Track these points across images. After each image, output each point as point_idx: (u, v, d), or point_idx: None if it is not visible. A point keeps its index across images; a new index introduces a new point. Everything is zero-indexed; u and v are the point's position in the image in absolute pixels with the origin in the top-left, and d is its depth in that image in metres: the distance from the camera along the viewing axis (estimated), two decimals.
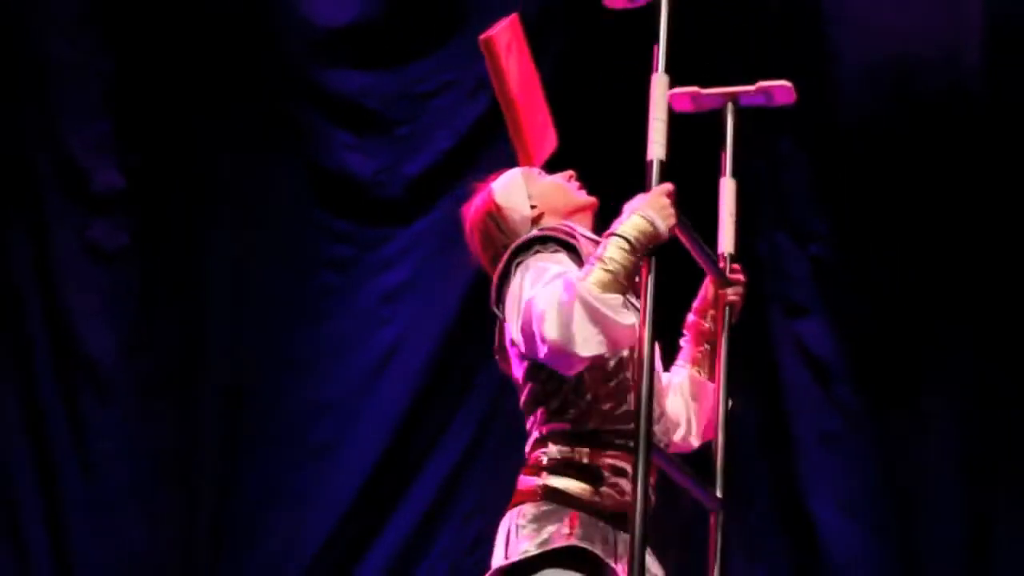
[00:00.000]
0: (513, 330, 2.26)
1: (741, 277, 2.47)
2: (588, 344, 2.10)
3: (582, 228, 2.40)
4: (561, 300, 2.10)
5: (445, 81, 4.23)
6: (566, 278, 2.15)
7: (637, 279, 2.28)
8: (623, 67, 3.62)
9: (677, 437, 2.49)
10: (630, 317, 2.14)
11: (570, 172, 2.49)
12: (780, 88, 2.59)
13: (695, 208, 2.46)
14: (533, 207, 2.41)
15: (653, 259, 2.13)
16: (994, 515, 4.01)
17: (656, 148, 2.17)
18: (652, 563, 2.35)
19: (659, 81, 2.22)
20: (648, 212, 2.14)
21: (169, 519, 4.08)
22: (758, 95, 2.61)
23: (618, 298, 2.11)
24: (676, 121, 2.39)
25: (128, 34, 4.21)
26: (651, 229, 2.13)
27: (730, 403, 2.48)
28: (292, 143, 4.24)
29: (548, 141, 2.68)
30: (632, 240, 2.10)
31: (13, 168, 4.13)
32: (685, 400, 2.53)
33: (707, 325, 2.51)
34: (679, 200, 2.27)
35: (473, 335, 3.71)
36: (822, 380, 4.01)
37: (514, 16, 2.69)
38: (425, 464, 4.14)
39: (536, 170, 2.53)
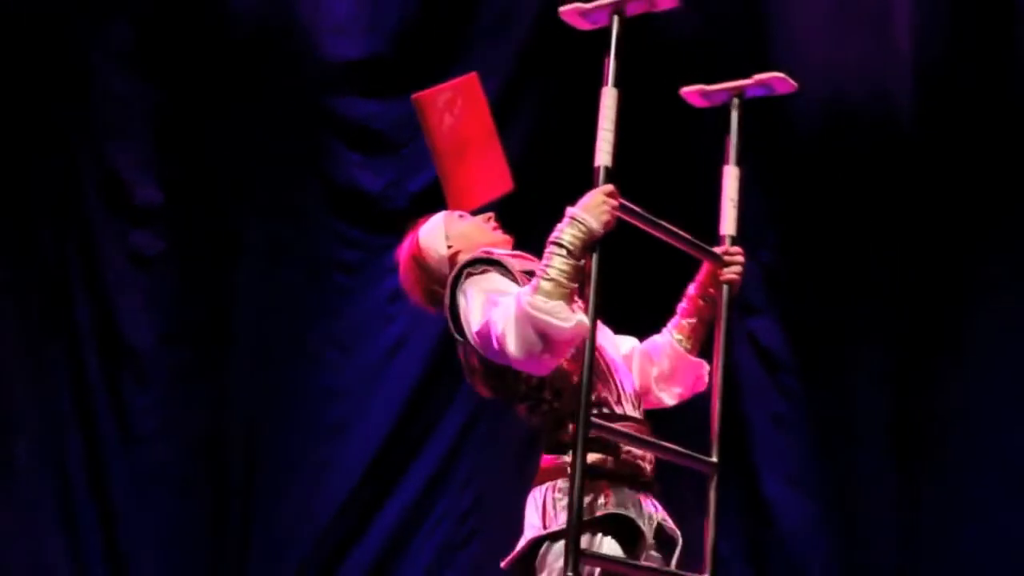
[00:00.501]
0: (477, 348, 2.36)
1: (739, 258, 2.53)
2: (534, 353, 2.24)
3: (500, 251, 2.51)
4: (511, 318, 2.23)
5: None
6: (516, 296, 2.26)
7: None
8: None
9: (650, 395, 2.64)
10: (573, 318, 2.24)
11: (489, 214, 2.64)
12: (778, 79, 2.66)
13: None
14: (449, 247, 2.54)
15: (595, 254, 2.28)
16: (920, 479, 4.38)
17: (602, 156, 2.33)
18: (668, 521, 2.51)
19: (608, 94, 2.37)
20: (581, 215, 2.27)
21: (202, 490, 4.32)
22: (759, 87, 2.69)
23: (559, 304, 2.22)
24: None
25: (167, 67, 4.47)
26: (585, 231, 2.26)
27: (706, 379, 2.62)
28: (310, 161, 4.50)
29: (496, 185, 2.81)
30: (568, 246, 2.23)
31: (66, 185, 4.39)
32: (666, 362, 2.66)
33: (701, 302, 2.59)
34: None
35: None
36: (770, 369, 4.44)
37: (471, 75, 2.83)
38: (426, 442, 4.44)
39: (457, 213, 2.66)
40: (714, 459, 2.42)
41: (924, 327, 4.47)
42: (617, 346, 2.61)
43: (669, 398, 2.64)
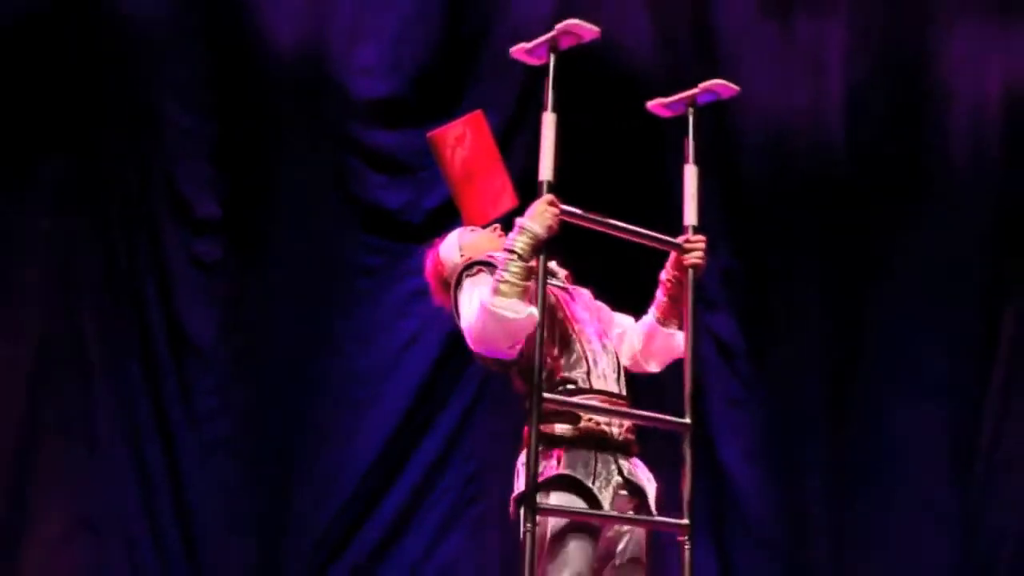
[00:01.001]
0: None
1: (700, 244, 2.71)
2: (497, 340, 2.49)
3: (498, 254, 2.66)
4: (475, 316, 2.49)
5: None
6: (480, 297, 2.49)
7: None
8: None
9: (627, 363, 2.87)
10: (525, 311, 2.47)
11: (495, 226, 2.88)
12: (721, 85, 2.83)
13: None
14: (462, 255, 2.81)
15: (542, 255, 2.50)
16: (852, 447, 4.93)
17: (545, 171, 2.55)
18: (643, 475, 2.71)
19: (547, 119, 2.56)
20: (527, 223, 2.50)
21: (252, 455, 4.61)
22: (708, 93, 2.86)
23: (513, 300, 2.47)
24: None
25: (223, 103, 4.78)
26: (532, 237, 2.49)
27: (681, 348, 2.77)
28: (341, 183, 4.85)
29: (503, 202, 2.96)
30: (519, 251, 2.47)
31: (138, 202, 4.72)
32: (640, 337, 2.89)
33: (670, 284, 2.79)
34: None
35: None
36: (727, 357, 4.94)
37: (477, 112, 3.03)
38: (436, 419, 4.78)
39: (469, 228, 2.91)
40: (687, 420, 2.60)
41: (849, 326, 5.01)
42: (607, 326, 2.86)
43: (655, 366, 2.88)
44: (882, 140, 5.21)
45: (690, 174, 2.78)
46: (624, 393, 2.71)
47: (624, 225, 2.66)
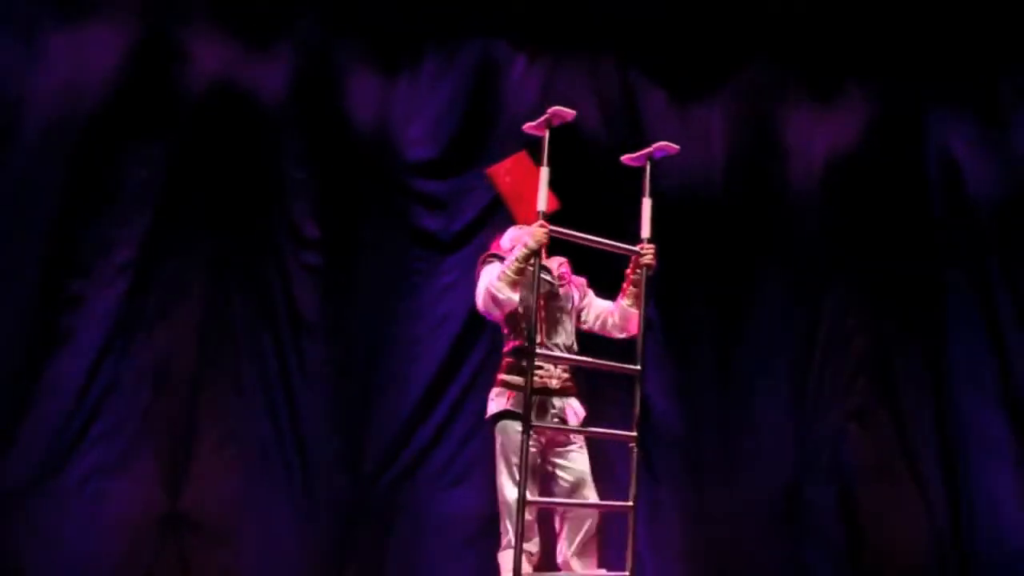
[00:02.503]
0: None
1: (651, 249, 3.26)
2: (490, 307, 3.12)
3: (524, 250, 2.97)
4: (483, 291, 3.10)
5: (471, 187, 5.53)
6: (489, 279, 3.05)
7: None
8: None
9: (597, 327, 3.43)
10: (510, 295, 3.03)
11: (541, 221, 3.14)
12: (667, 146, 3.32)
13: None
14: (512, 246, 3.35)
15: (535, 259, 3.00)
16: (729, 385, 5.55)
17: (541, 203, 3.11)
18: (571, 411, 3.28)
19: (543, 171, 3.12)
20: (526, 239, 3.07)
21: (344, 395, 5.25)
22: (659, 151, 3.32)
23: (507, 287, 3.01)
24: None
25: (322, 162, 5.42)
26: (528, 248, 3.06)
27: (638, 324, 3.24)
28: (399, 214, 5.53)
29: (548, 206, 3.19)
30: (519, 257, 3.09)
31: (271, 231, 5.32)
32: (613, 316, 3.41)
33: (633, 277, 3.30)
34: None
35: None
36: (649, 328, 5.09)
37: (522, 153, 3.43)
38: (458, 372, 5.47)
39: (518, 226, 3.40)
40: (638, 367, 3.25)
41: (729, 310, 5.81)
42: (588, 308, 3.42)
43: (619, 334, 3.50)
44: (747, 186, 5.93)
45: (646, 204, 3.35)
46: (576, 349, 3.34)
47: (598, 239, 3.26)
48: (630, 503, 3.35)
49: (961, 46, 6.05)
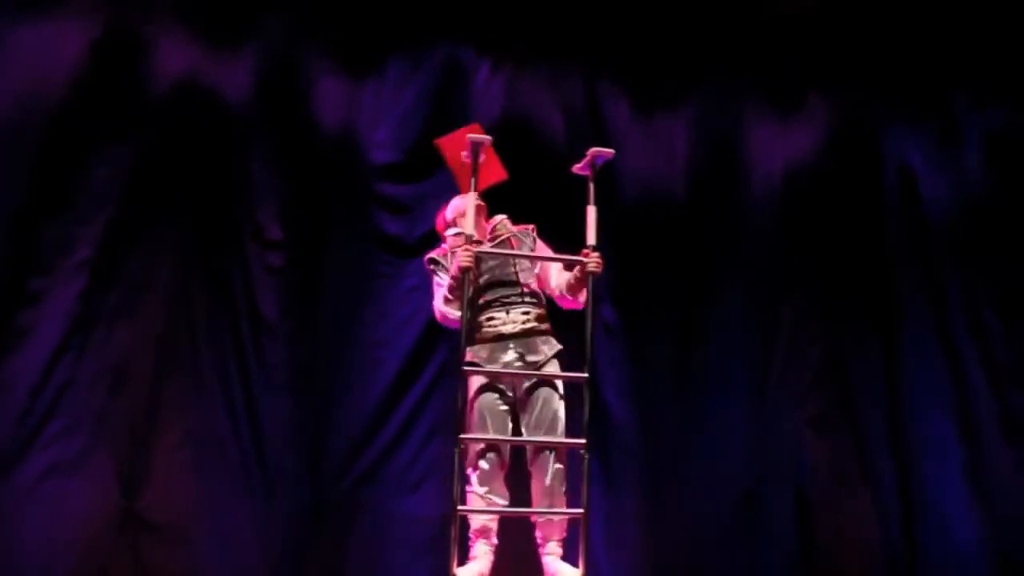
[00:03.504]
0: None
1: (596, 256, 3.44)
2: (444, 322, 3.46)
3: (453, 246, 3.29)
4: (435, 310, 3.44)
5: (431, 192, 5.48)
6: (437, 301, 3.33)
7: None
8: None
9: (556, 294, 3.68)
10: (456, 314, 3.34)
11: (465, 246, 3.39)
12: (604, 151, 3.43)
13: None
14: (454, 216, 3.60)
15: (467, 274, 3.22)
16: (687, 388, 5.65)
17: (468, 227, 3.38)
18: (538, 348, 3.50)
19: (470, 198, 3.35)
20: (459, 261, 3.38)
21: (305, 393, 5.20)
22: (599, 157, 3.41)
23: (450, 309, 3.35)
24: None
25: (285, 163, 5.36)
26: (458, 268, 3.38)
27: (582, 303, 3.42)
28: (363, 217, 5.50)
29: (492, 176, 3.47)
30: (452, 275, 3.41)
31: (234, 232, 5.28)
32: (562, 286, 3.65)
33: (575, 281, 3.62)
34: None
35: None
36: (608, 332, 5.70)
37: (474, 125, 3.58)
38: (421, 372, 5.48)
39: (460, 196, 3.56)
40: (586, 374, 3.46)
41: (689, 313, 5.87)
42: (543, 270, 3.67)
43: (569, 306, 3.74)
44: (709, 195, 6.00)
45: (591, 212, 3.47)
46: (528, 290, 3.59)
47: (541, 254, 3.58)
48: (581, 510, 3.41)
49: (918, 62, 6.14)
